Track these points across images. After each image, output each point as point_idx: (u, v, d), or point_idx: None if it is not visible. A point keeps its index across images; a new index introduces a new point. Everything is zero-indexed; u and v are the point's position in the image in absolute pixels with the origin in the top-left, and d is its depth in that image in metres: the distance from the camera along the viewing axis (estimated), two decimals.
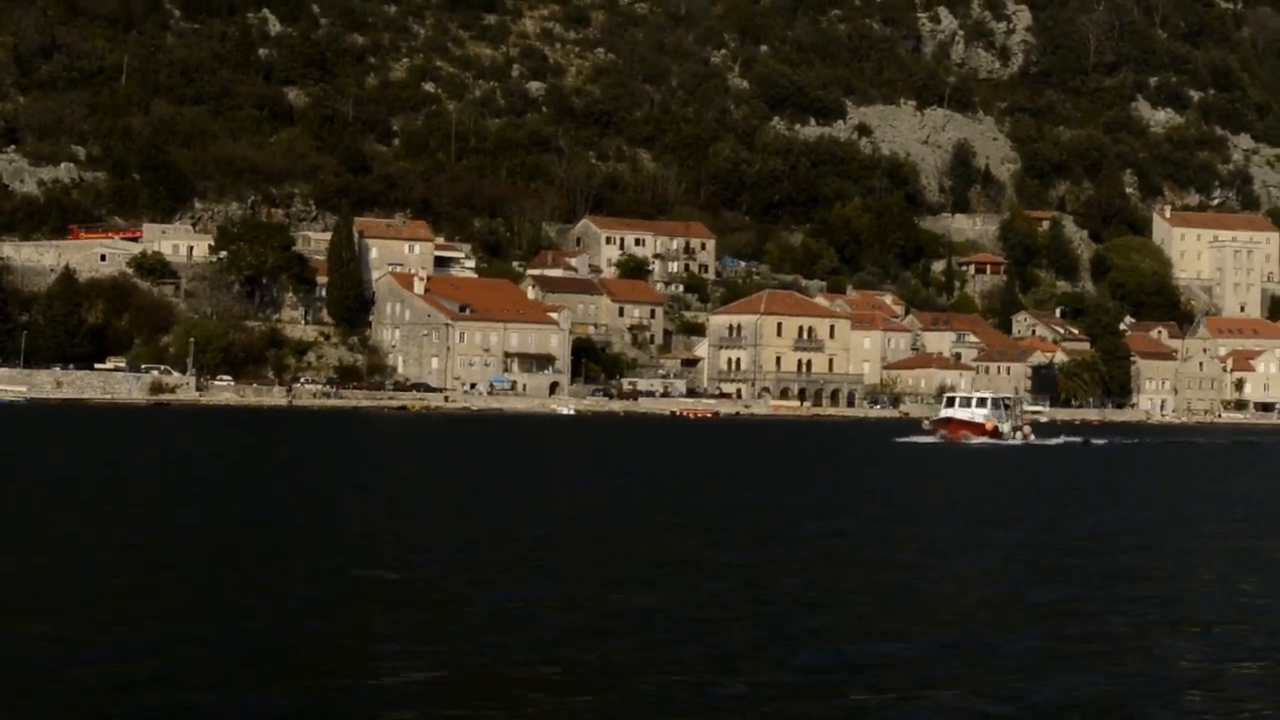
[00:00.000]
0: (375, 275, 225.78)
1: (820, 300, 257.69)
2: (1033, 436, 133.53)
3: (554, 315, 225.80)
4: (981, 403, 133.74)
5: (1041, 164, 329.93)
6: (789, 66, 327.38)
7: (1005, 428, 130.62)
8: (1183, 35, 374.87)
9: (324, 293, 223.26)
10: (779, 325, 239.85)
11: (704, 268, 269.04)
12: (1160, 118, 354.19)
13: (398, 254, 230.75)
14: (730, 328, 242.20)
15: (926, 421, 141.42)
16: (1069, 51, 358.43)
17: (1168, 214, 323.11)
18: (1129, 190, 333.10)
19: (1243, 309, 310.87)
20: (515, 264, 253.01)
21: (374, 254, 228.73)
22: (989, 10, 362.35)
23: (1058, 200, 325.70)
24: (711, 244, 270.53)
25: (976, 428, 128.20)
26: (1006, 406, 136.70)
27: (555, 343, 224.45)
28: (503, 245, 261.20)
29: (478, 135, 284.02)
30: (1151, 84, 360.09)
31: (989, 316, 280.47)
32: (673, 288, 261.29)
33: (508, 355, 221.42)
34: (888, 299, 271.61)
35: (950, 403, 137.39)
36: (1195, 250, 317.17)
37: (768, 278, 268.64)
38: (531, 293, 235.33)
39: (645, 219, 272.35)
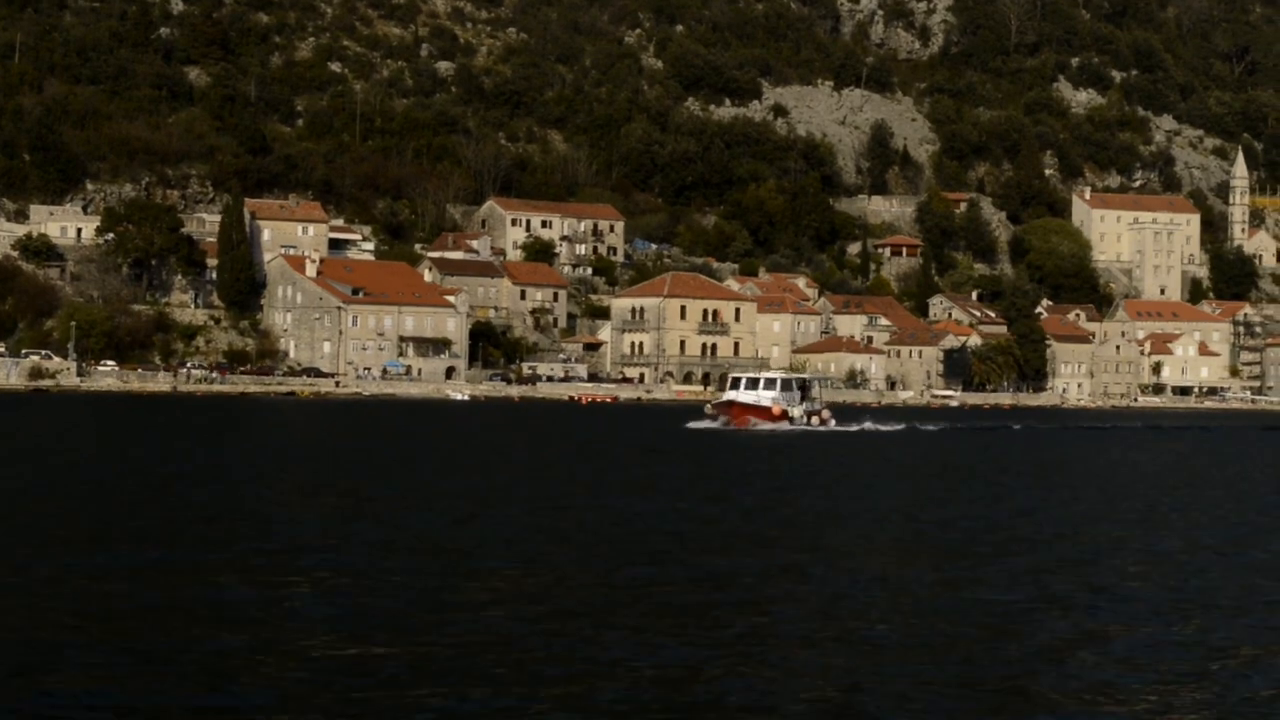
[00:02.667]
0: (267, 257, 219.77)
1: (730, 283, 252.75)
2: (833, 422, 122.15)
3: (451, 298, 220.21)
4: (770, 384, 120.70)
5: (960, 145, 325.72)
6: (704, 46, 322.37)
7: (796, 412, 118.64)
8: (1106, 15, 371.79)
9: (214, 275, 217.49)
10: (683, 308, 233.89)
11: (612, 250, 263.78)
12: (1082, 98, 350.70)
13: (290, 236, 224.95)
14: (633, 311, 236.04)
15: (709, 405, 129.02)
16: (990, 32, 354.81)
17: (1087, 195, 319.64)
18: (1049, 172, 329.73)
19: (1163, 291, 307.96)
20: (418, 246, 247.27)
21: (266, 236, 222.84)
22: None
23: (977, 182, 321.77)
24: (620, 226, 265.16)
25: (762, 412, 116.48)
26: (802, 388, 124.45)
27: (452, 326, 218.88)
28: (405, 227, 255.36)
29: (384, 116, 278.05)
30: (1073, 64, 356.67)
31: (905, 299, 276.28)
32: (580, 271, 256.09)
33: (403, 339, 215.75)
34: (801, 282, 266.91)
35: (735, 384, 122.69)
36: (1115, 232, 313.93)
37: (679, 260, 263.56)
38: (429, 275, 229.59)
39: (554, 201, 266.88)
